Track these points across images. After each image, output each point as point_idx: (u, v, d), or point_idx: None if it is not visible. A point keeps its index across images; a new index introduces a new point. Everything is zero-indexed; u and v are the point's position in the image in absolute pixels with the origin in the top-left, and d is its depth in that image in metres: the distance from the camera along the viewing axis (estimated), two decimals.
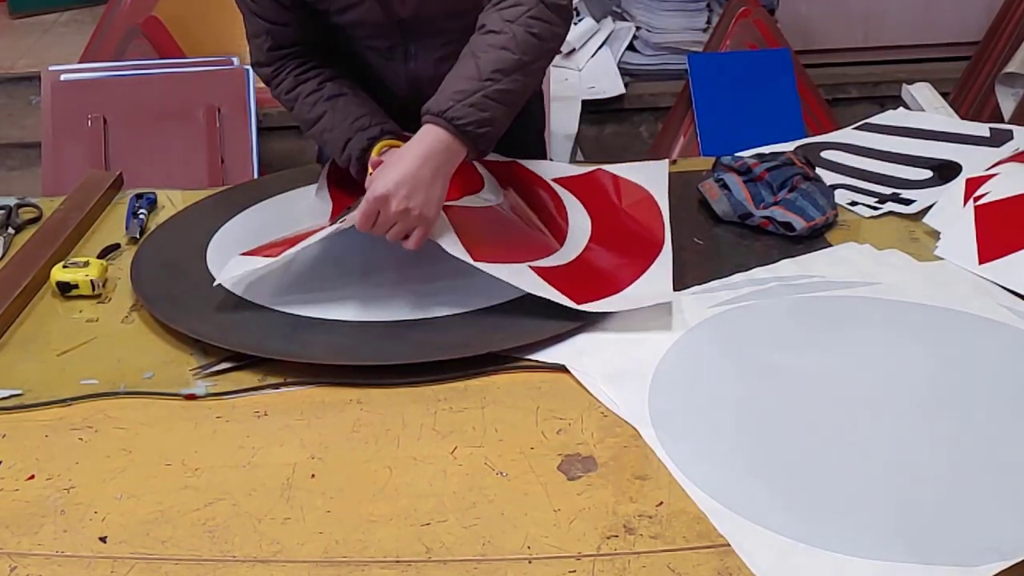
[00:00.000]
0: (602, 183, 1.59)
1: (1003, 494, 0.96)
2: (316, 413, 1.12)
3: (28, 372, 1.21)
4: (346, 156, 1.46)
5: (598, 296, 1.28)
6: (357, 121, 1.46)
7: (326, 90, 1.50)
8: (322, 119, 1.48)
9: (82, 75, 2.95)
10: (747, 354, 1.19)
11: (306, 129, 1.53)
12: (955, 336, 1.22)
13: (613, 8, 3.49)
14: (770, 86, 2.97)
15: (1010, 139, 1.70)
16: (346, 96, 1.50)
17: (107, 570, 0.91)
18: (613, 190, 1.57)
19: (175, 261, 1.41)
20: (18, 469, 1.05)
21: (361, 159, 1.44)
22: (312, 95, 1.49)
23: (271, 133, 3.06)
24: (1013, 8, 3.18)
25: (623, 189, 1.57)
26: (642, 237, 1.45)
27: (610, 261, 1.40)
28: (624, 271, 1.35)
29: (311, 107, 1.49)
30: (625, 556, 0.90)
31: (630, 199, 1.55)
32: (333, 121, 1.47)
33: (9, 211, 1.59)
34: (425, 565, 0.91)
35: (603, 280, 1.33)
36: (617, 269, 1.37)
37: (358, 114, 1.47)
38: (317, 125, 1.49)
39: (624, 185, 1.58)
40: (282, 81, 1.52)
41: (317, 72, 1.51)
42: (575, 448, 1.05)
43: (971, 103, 3.15)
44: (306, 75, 1.51)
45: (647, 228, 1.46)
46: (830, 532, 0.91)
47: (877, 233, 1.47)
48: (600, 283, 1.32)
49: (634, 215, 1.51)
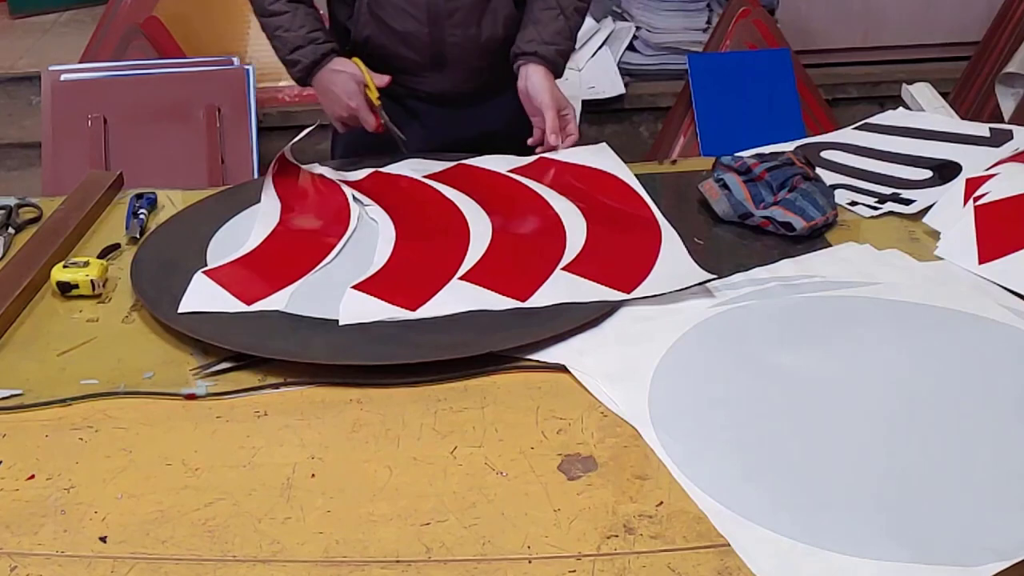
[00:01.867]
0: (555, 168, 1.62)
1: (1003, 494, 0.96)
2: (316, 413, 1.12)
3: (28, 372, 1.21)
4: (292, 58, 1.63)
5: (636, 279, 1.31)
6: (312, 33, 1.63)
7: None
8: (281, 16, 1.62)
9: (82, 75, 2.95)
10: (747, 354, 1.19)
11: (259, 14, 1.66)
12: (955, 336, 1.22)
13: (613, 8, 3.49)
14: (770, 86, 2.97)
15: (1010, 139, 1.70)
16: (307, 5, 1.65)
17: (107, 570, 0.91)
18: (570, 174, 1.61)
19: (175, 261, 1.41)
20: (18, 469, 1.05)
21: (310, 68, 1.64)
22: None
23: (271, 133, 3.07)
24: (1013, 8, 3.18)
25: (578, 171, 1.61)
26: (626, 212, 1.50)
27: (618, 238, 1.43)
28: (639, 245, 1.39)
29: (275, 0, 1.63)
30: (625, 556, 0.90)
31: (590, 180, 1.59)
32: (292, 23, 1.62)
33: (9, 211, 1.59)
34: (425, 565, 0.91)
35: (628, 259, 1.36)
36: (631, 244, 1.40)
37: (314, 26, 1.64)
38: (273, 19, 1.63)
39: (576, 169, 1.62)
40: None
41: None
42: (575, 448, 1.05)
43: (971, 103, 3.15)
44: None
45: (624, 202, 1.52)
46: (830, 532, 0.91)
47: (877, 233, 1.47)
48: (627, 263, 1.35)
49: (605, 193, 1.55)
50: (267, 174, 1.59)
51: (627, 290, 1.29)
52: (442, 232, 1.46)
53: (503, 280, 1.32)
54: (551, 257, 1.37)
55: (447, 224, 1.47)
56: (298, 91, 3.23)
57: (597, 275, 1.32)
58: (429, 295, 1.30)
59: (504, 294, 1.29)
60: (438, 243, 1.43)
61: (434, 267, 1.36)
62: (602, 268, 1.34)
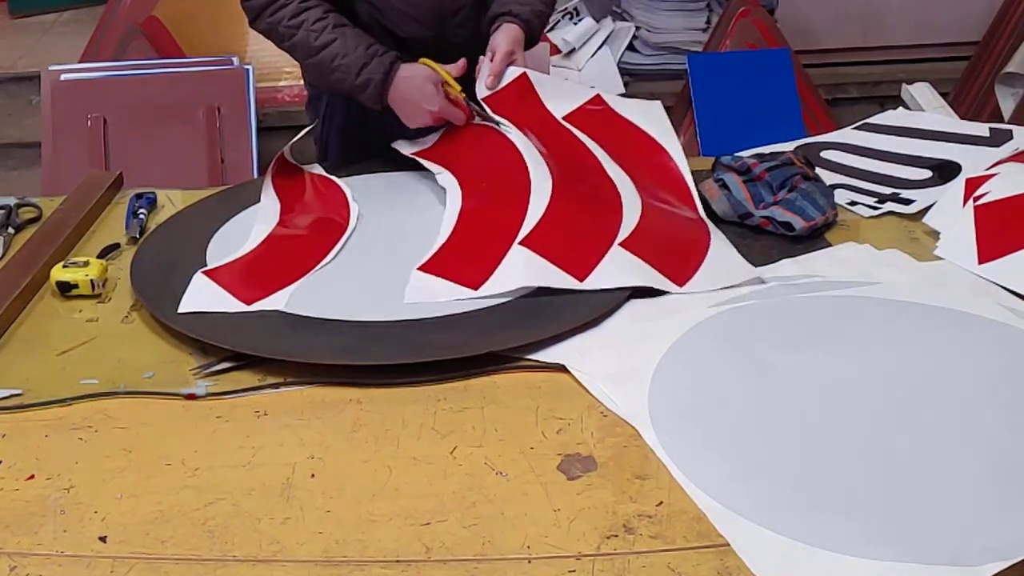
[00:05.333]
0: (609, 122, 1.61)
1: (1003, 494, 0.96)
2: (316, 413, 1.12)
3: (28, 372, 1.21)
4: (363, 80, 1.54)
5: (689, 271, 1.32)
6: (370, 48, 1.55)
7: (332, 18, 1.56)
8: (332, 45, 1.54)
9: (82, 75, 2.95)
10: (747, 354, 1.18)
11: (307, 56, 1.58)
12: (955, 336, 1.22)
13: (613, 8, 3.49)
14: (770, 86, 2.97)
15: (1010, 139, 1.70)
16: (350, 26, 1.57)
17: (107, 570, 0.91)
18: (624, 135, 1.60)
19: (175, 261, 1.41)
20: (18, 469, 1.05)
21: (383, 82, 1.54)
22: (319, 22, 1.54)
23: (271, 133, 3.06)
24: (1013, 8, 3.18)
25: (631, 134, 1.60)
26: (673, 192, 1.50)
27: (669, 220, 1.44)
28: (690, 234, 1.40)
29: (319, 34, 1.54)
30: (625, 556, 0.90)
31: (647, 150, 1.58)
32: (346, 48, 1.54)
33: (9, 211, 1.59)
34: (425, 565, 0.91)
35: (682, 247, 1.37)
36: (684, 232, 1.41)
37: (368, 42, 1.56)
38: (326, 51, 1.54)
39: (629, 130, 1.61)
40: (283, 6, 1.55)
41: (318, 1, 1.56)
42: (575, 448, 1.05)
43: (971, 103, 3.15)
44: (308, 2, 1.55)
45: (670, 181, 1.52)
46: (830, 532, 0.91)
47: (877, 233, 1.47)
48: (681, 252, 1.36)
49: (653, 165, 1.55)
50: (267, 174, 1.59)
51: (680, 282, 1.30)
52: (505, 188, 1.47)
53: (562, 250, 1.33)
54: (609, 229, 1.38)
55: (510, 178, 1.48)
56: (298, 91, 3.23)
57: (653, 257, 1.33)
58: (491, 269, 1.31)
59: (563, 268, 1.30)
60: (500, 204, 1.44)
61: (496, 234, 1.37)
62: (657, 250, 1.35)
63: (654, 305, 1.28)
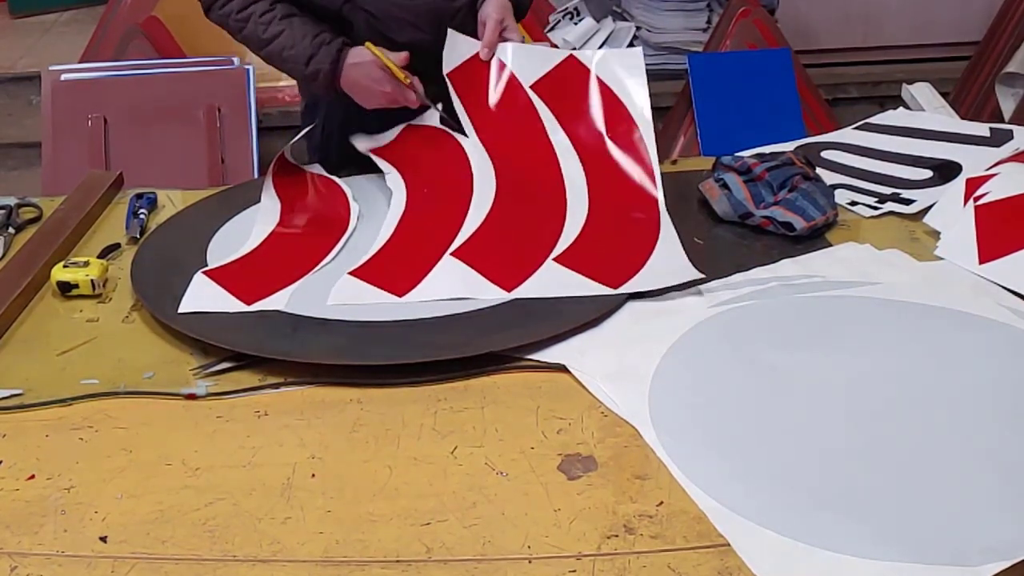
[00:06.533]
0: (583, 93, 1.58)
1: (1003, 494, 0.96)
2: (316, 413, 1.12)
3: (28, 372, 1.21)
4: (312, 70, 1.56)
5: (626, 274, 1.32)
6: (317, 38, 1.55)
7: (279, 9, 1.56)
8: (279, 37, 1.55)
9: (82, 75, 2.95)
10: (747, 354, 1.19)
11: (258, 48, 1.60)
12: (955, 336, 1.22)
13: (613, 8, 3.49)
14: (770, 86, 2.97)
15: (1010, 139, 1.70)
16: (298, 15, 1.58)
17: (107, 570, 0.91)
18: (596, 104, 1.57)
19: (175, 261, 1.41)
20: (18, 469, 1.05)
21: (332, 71, 1.55)
22: (266, 15, 1.56)
23: (271, 133, 3.06)
24: (1013, 8, 3.18)
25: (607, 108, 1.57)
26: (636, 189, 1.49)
27: (618, 224, 1.43)
28: (635, 238, 1.39)
29: (266, 26, 1.56)
30: (625, 556, 0.90)
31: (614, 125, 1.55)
32: (293, 39, 1.55)
33: (9, 211, 1.59)
34: (425, 565, 0.91)
35: (621, 253, 1.37)
36: (628, 236, 1.40)
37: (316, 31, 1.56)
38: (275, 43, 1.56)
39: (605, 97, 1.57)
40: (230, 0, 1.56)
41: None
42: (575, 448, 1.05)
43: (971, 103, 3.15)
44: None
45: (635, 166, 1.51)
46: (830, 532, 0.91)
47: (877, 233, 1.47)
48: (620, 258, 1.35)
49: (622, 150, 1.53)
50: (267, 174, 1.59)
51: (615, 285, 1.30)
52: (446, 196, 1.48)
53: (492, 262, 1.34)
54: (546, 242, 1.38)
55: (453, 187, 1.49)
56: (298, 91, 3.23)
57: (588, 268, 1.33)
58: (419, 278, 1.32)
59: (491, 279, 1.31)
60: (439, 213, 1.45)
61: (429, 243, 1.39)
62: (594, 260, 1.35)
63: (654, 305, 1.28)
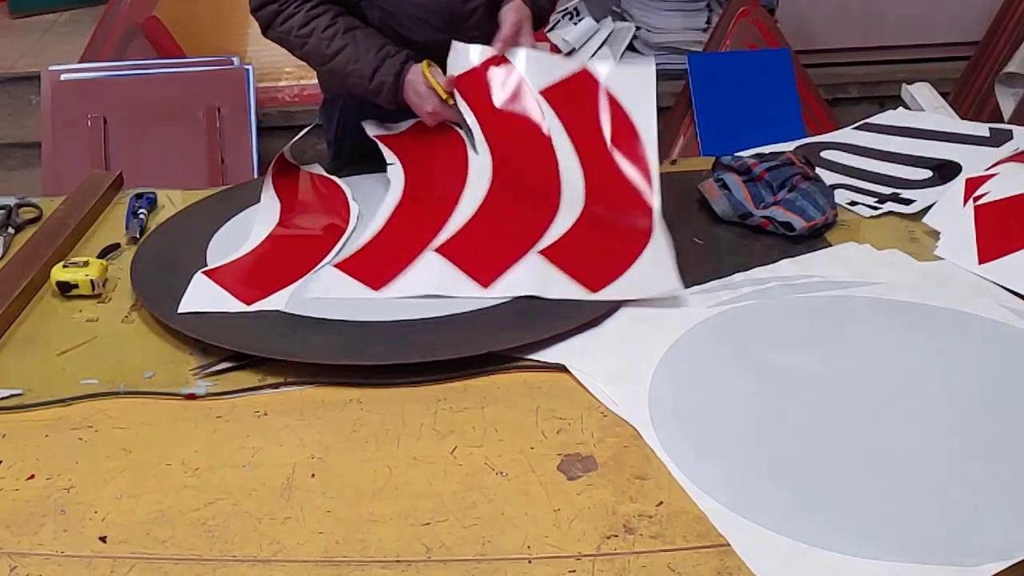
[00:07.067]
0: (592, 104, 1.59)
1: (1003, 494, 0.96)
2: (316, 413, 1.12)
3: (28, 372, 1.21)
4: (377, 84, 1.55)
5: (607, 278, 1.31)
6: (381, 51, 1.55)
7: (341, 23, 1.56)
8: (343, 51, 1.54)
9: (82, 75, 2.96)
10: (747, 354, 1.19)
11: (322, 64, 1.58)
12: (955, 336, 1.22)
13: (613, 8, 3.49)
14: (770, 86, 2.97)
15: (1010, 139, 1.70)
16: (361, 28, 1.57)
17: (107, 570, 0.91)
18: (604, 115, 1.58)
19: (175, 261, 1.41)
20: (18, 469, 1.05)
21: (396, 84, 1.55)
22: (329, 29, 1.55)
23: (271, 133, 3.06)
24: (1013, 8, 3.18)
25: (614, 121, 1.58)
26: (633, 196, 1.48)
27: (608, 229, 1.42)
28: (624, 243, 1.38)
29: (329, 41, 1.55)
30: (625, 556, 0.90)
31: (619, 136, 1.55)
32: (357, 53, 1.54)
33: (9, 211, 1.59)
34: (425, 565, 0.91)
35: (607, 255, 1.36)
36: (617, 240, 1.39)
37: (380, 44, 1.56)
38: (339, 57, 1.55)
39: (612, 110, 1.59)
40: (291, 16, 1.56)
41: (326, 7, 1.56)
42: (575, 448, 1.05)
43: (971, 103, 3.15)
44: (316, 10, 1.55)
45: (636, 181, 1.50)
46: (830, 532, 0.91)
47: (877, 233, 1.47)
48: (605, 260, 1.35)
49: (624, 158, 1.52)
50: (267, 174, 1.59)
51: (595, 288, 1.29)
52: (440, 191, 1.48)
53: (472, 257, 1.34)
54: (531, 236, 1.38)
55: (447, 182, 1.50)
56: (298, 91, 3.23)
57: (570, 266, 1.32)
58: (398, 272, 1.33)
59: (470, 273, 1.32)
60: (429, 208, 1.46)
61: (415, 238, 1.40)
62: (578, 258, 1.34)
63: (654, 305, 1.28)
